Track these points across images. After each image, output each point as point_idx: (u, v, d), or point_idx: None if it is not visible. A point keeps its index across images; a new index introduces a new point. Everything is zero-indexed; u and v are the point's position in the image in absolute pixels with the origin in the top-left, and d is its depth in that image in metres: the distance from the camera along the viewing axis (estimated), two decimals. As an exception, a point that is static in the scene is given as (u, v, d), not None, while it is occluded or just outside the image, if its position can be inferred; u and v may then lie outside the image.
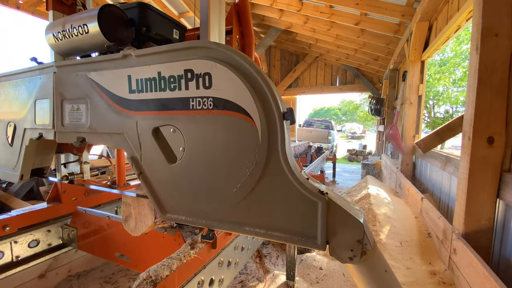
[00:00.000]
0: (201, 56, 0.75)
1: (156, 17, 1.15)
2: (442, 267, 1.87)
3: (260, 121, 0.71)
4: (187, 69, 0.77)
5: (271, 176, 0.73)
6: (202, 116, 0.77)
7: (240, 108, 0.72)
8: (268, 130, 0.71)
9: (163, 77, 0.81)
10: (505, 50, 1.54)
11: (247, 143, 0.73)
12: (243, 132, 0.73)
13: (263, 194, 0.75)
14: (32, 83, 1.15)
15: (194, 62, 0.76)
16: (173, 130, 0.83)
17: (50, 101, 1.10)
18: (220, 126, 0.75)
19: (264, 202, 0.76)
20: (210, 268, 1.18)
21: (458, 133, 2.76)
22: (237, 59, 0.71)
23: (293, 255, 2.01)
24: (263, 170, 0.73)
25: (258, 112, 0.70)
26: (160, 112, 0.83)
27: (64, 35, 1.06)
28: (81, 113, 1.03)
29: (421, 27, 3.45)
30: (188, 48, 0.78)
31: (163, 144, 0.86)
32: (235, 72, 0.71)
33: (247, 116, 0.71)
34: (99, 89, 0.95)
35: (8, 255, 1.53)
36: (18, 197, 3.39)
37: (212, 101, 0.75)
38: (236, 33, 1.33)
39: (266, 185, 0.74)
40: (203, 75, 0.75)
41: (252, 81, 0.70)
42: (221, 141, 0.76)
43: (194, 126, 0.79)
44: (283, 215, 0.74)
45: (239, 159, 0.75)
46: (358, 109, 27.23)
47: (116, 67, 0.91)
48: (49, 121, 1.10)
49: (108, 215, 1.64)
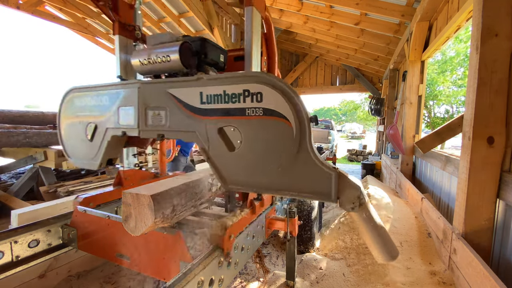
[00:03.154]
0: (255, 81, 1.14)
1: (211, 47, 1.58)
2: (442, 267, 1.87)
3: (294, 123, 1.09)
4: (245, 89, 1.15)
5: (302, 158, 1.11)
6: (255, 120, 1.16)
7: (281, 114, 1.10)
8: (300, 129, 1.08)
9: (227, 94, 1.20)
10: (505, 50, 1.54)
11: (286, 138, 1.11)
12: (283, 130, 1.11)
13: (297, 170, 1.12)
14: (116, 95, 1.57)
15: (251, 85, 1.15)
16: (233, 129, 1.21)
17: (134, 108, 1.49)
18: (267, 126, 1.14)
19: (297, 175, 1.12)
20: (210, 268, 1.18)
21: (458, 133, 2.76)
22: (278, 83, 1.11)
23: (293, 255, 2.01)
24: (296, 154, 1.10)
25: (293, 117, 1.08)
26: (224, 117, 1.22)
27: (149, 61, 1.52)
28: (161, 117, 1.41)
29: (421, 27, 3.45)
30: (246, 76, 1.17)
31: (225, 138, 1.23)
32: (278, 91, 1.10)
33: (286, 120, 1.10)
34: (176, 101, 1.34)
35: (8, 255, 1.53)
36: (18, 197, 3.39)
37: (262, 110, 1.13)
38: (264, 55, 1.84)
39: (299, 164, 1.12)
40: (256, 93, 1.13)
41: (288, 97, 1.09)
42: (268, 136, 1.14)
43: (249, 127, 1.18)
44: (309, 182, 1.12)
45: (280, 148, 1.13)
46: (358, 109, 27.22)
47: (190, 86, 1.30)
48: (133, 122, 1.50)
49: (108, 215, 1.64)
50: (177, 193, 1.36)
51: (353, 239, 2.46)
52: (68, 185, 3.25)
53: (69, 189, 3.06)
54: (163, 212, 1.24)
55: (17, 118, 4.14)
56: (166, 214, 1.26)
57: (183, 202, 1.41)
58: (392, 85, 6.28)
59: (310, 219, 2.49)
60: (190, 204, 1.48)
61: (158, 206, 1.21)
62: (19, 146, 3.28)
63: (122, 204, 1.24)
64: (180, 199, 1.38)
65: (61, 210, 2.31)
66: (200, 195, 1.57)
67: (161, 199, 1.23)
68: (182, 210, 1.41)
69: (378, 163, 6.69)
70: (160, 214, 1.22)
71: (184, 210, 1.43)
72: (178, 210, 1.36)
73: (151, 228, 1.21)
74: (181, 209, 1.39)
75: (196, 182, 1.55)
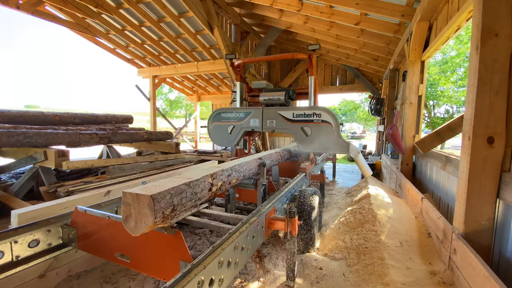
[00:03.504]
0: (319, 109, 3.11)
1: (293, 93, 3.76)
2: (442, 267, 1.87)
3: (334, 126, 3.01)
4: (314, 113, 3.11)
5: (336, 138, 3.02)
6: (317, 124, 3.09)
7: (328, 122, 3.03)
8: (337, 129, 3.00)
9: (305, 113, 3.14)
10: (505, 50, 1.54)
11: (330, 131, 3.03)
12: (329, 128, 3.03)
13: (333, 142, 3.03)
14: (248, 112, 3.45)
15: (317, 111, 3.10)
16: (307, 127, 3.13)
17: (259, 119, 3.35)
18: (322, 127, 3.06)
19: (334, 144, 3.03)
20: (210, 268, 1.18)
21: (458, 133, 2.76)
22: (327, 110, 3.07)
23: (293, 255, 2.01)
24: (335, 136, 3.02)
25: (334, 123, 3.02)
26: (303, 123, 3.15)
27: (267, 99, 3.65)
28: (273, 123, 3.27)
29: (421, 27, 3.45)
30: (315, 108, 3.14)
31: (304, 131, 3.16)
32: (327, 113, 3.06)
33: (330, 124, 3.02)
34: (281, 116, 3.25)
35: (8, 255, 1.53)
36: (18, 197, 3.39)
37: (321, 119, 3.05)
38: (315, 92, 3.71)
39: (336, 141, 3.03)
40: (318, 114, 3.08)
41: (331, 115, 3.05)
42: (322, 130, 3.06)
43: (315, 127, 3.10)
44: (339, 147, 3.04)
45: (327, 135, 3.05)
46: (358, 109, 27.22)
47: (288, 110, 3.25)
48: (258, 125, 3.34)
49: (108, 215, 1.64)
50: (177, 193, 1.36)
51: (353, 239, 2.45)
52: (68, 185, 3.25)
53: (69, 189, 3.06)
54: (163, 212, 1.24)
55: (17, 118, 4.14)
56: (166, 214, 1.26)
57: (183, 202, 1.40)
58: (392, 85, 6.28)
59: (310, 219, 2.49)
60: (190, 204, 1.48)
61: (158, 206, 1.21)
62: (19, 146, 3.28)
63: (122, 204, 1.23)
64: (180, 199, 1.38)
65: (61, 210, 2.31)
66: (200, 195, 1.57)
67: (161, 199, 1.23)
68: (182, 210, 1.40)
69: (378, 163, 6.69)
70: (160, 214, 1.22)
71: (184, 210, 1.43)
72: (178, 210, 1.36)
73: (151, 228, 1.21)
74: (181, 209, 1.39)
75: (196, 182, 1.54)
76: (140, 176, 3.76)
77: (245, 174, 2.25)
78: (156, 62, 8.62)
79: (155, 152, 5.55)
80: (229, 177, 1.95)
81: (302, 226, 2.46)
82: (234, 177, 2.04)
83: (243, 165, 2.24)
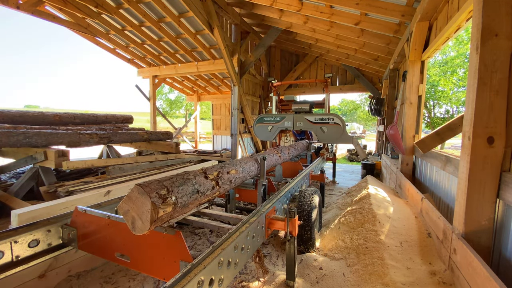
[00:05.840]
0: (332, 115, 4.53)
1: (312, 103, 5.98)
2: (442, 267, 1.87)
3: (342, 126, 4.39)
4: (329, 117, 4.49)
5: (343, 133, 4.38)
6: (331, 125, 4.47)
7: (338, 123, 4.42)
8: (344, 128, 4.38)
9: (323, 118, 4.52)
10: (505, 50, 1.54)
11: (339, 130, 4.41)
12: (338, 128, 4.41)
13: (342, 137, 4.38)
14: (283, 117, 4.89)
15: (330, 116, 4.51)
16: (324, 127, 4.51)
17: (291, 121, 4.76)
18: (333, 127, 4.44)
19: (342, 138, 4.39)
20: (210, 268, 1.18)
21: (458, 133, 2.76)
22: (338, 116, 4.49)
23: (293, 255, 2.01)
24: (341, 132, 4.39)
25: (342, 124, 4.39)
26: (321, 124, 4.54)
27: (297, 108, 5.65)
28: (300, 124, 4.70)
29: (421, 27, 3.45)
30: (329, 114, 4.53)
31: (322, 129, 4.53)
32: (337, 118, 4.47)
33: (339, 125, 4.40)
34: (307, 119, 4.67)
35: (8, 255, 1.53)
36: (18, 197, 3.39)
37: (333, 122, 4.43)
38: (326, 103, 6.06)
39: (344, 135, 4.38)
40: (331, 118, 4.47)
41: (340, 119, 4.45)
42: (334, 129, 4.43)
43: (329, 126, 4.48)
44: (345, 139, 4.40)
45: (338, 132, 4.42)
46: (358, 109, 27.23)
47: (312, 116, 4.71)
48: (291, 125, 4.80)
49: (108, 215, 1.64)
50: (177, 192, 1.36)
51: (353, 239, 2.45)
52: (68, 185, 3.25)
53: (69, 189, 3.06)
54: (157, 192, 1.24)
55: (17, 118, 4.14)
56: (162, 194, 1.26)
57: (184, 200, 1.40)
58: (392, 85, 6.28)
59: (310, 219, 2.49)
60: (188, 189, 1.48)
61: (148, 189, 1.21)
62: (19, 146, 3.28)
63: (122, 202, 1.23)
64: (180, 198, 1.38)
65: (61, 210, 2.31)
66: (195, 181, 1.57)
67: (149, 184, 1.24)
68: (182, 194, 1.40)
69: (378, 163, 6.68)
70: (155, 194, 1.22)
71: (185, 195, 1.43)
72: (175, 192, 1.36)
73: (154, 213, 1.21)
74: (178, 192, 1.39)
75: (196, 181, 1.54)
76: (140, 176, 3.76)
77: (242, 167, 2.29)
78: (156, 62, 8.62)
79: (155, 152, 5.55)
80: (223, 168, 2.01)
81: (302, 226, 2.46)
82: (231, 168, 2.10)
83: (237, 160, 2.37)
